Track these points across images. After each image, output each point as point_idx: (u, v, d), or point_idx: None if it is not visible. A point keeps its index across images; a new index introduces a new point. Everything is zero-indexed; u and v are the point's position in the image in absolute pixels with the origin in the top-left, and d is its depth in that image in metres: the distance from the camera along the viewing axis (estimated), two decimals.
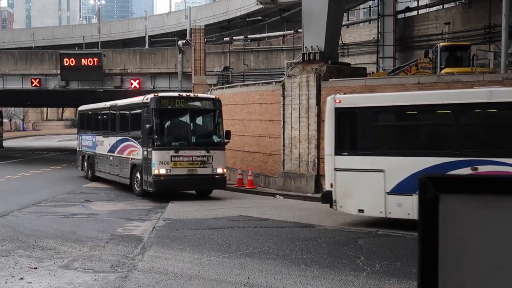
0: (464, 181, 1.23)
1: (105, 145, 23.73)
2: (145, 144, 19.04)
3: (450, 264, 1.21)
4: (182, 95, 20.50)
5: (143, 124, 19.25)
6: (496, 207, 1.20)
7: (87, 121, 27.67)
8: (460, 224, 1.21)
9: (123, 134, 21.74)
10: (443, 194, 1.21)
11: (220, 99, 20.50)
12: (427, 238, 1.22)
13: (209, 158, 18.88)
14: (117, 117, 22.93)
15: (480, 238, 1.21)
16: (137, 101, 20.93)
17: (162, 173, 18.33)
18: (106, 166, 23.47)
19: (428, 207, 1.22)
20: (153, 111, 18.93)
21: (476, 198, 1.21)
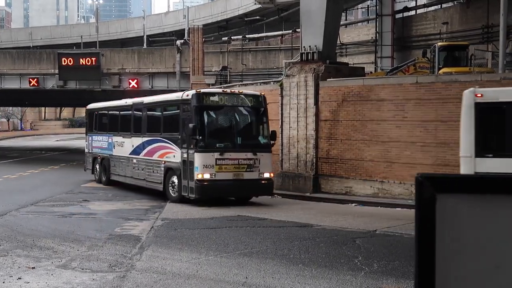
0: (461, 180, 1.23)
1: (126, 146, 21.73)
2: (185, 146, 17.28)
3: (447, 263, 1.21)
4: (226, 91, 18.91)
5: (182, 123, 17.50)
6: (493, 207, 1.20)
7: (100, 120, 25.28)
8: (457, 224, 1.21)
9: (153, 134, 19.72)
10: (440, 194, 1.22)
11: (265, 96, 18.73)
12: (424, 238, 1.22)
13: (256, 161, 17.30)
14: (144, 116, 20.74)
15: (477, 237, 1.21)
16: (174, 98, 19.16)
17: (206, 178, 16.68)
18: (128, 169, 21.41)
19: (425, 207, 1.22)
20: (195, 109, 17.12)
21: (473, 197, 1.21)
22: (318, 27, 21.34)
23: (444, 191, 1.21)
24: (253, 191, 17.67)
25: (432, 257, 1.21)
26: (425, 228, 1.22)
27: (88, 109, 26.74)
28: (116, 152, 22.58)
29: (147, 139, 20.08)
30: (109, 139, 23.42)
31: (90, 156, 25.46)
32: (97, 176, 24.31)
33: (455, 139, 16.99)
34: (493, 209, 1.20)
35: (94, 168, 24.67)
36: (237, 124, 18.03)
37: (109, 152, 23.29)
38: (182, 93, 18.51)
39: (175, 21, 55.01)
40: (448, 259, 1.21)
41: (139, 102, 21.46)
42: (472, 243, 1.21)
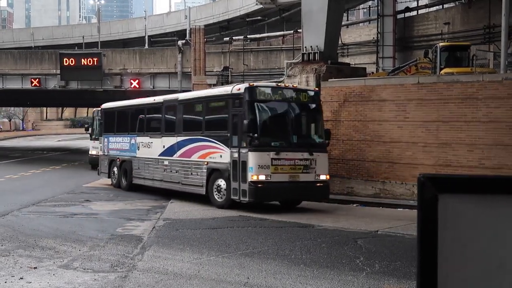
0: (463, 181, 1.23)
1: (154, 147, 20.02)
2: (236, 144, 15.90)
3: (449, 264, 1.21)
4: (280, 85, 17.41)
5: (232, 120, 16.15)
6: (496, 207, 1.20)
7: (119, 120, 23.33)
8: (459, 224, 1.22)
9: (192, 133, 18.12)
10: (442, 194, 1.22)
11: (319, 92, 17.59)
12: (426, 238, 1.22)
13: (312, 162, 16.08)
14: (178, 114, 19.05)
15: (479, 237, 1.21)
16: (219, 93, 17.60)
17: (261, 180, 15.39)
18: (157, 172, 19.78)
19: (427, 207, 1.22)
20: (248, 104, 15.73)
21: (475, 197, 1.21)
22: (319, 27, 21.35)
23: (446, 191, 1.21)
24: (309, 194, 16.58)
25: (434, 258, 1.21)
26: (427, 228, 1.22)
27: (103, 108, 24.82)
28: (141, 154, 20.93)
29: (183, 139, 18.42)
30: (131, 140, 21.70)
31: (105, 158, 23.59)
32: (114, 180, 22.62)
33: (456, 140, 17.00)
34: (495, 209, 1.20)
35: (111, 172, 22.94)
36: (292, 121, 16.69)
37: (131, 154, 21.59)
38: (231, 87, 16.92)
39: (176, 21, 55.05)
40: (450, 260, 1.21)
41: (172, 99, 19.79)
42: (474, 244, 1.21)
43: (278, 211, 15.92)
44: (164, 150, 19.40)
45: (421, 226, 1.23)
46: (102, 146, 23.95)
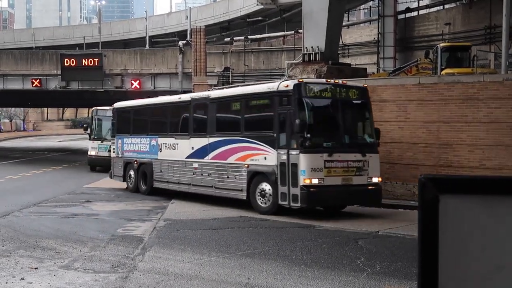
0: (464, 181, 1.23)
1: (181, 149, 18.62)
2: (284, 146, 14.76)
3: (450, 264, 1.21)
4: (330, 81, 16.13)
5: (278, 119, 15.01)
6: (497, 208, 1.20)
7: (136, 120, 21.92)
8: (460, 225, 1.22)
9: (228, 134, 16.87)
10: (443, 195, 1.22)
11: (367, 88, 16.51)
12: (427, 239, 1.22)
13: (365, 164, 15.06)
14: (210, 114, 17.61)
15: (480, 238, 1.21)
16: (264, 89, 16.07)
17: (314, 183, 14.25)
18: (184, 175, 18.42)
19: (428, 208, 1.22)
20: (298, 102, 14.58)
21: (476, 198, 1.21)
22: (320, 28, 21.35)
23: (447, 192, 1.21)
24: (361, 199, 15.62)
25: (435, 258, 1.21)
26: (428, 229, 1.22)
27: (116, 108, 23.22)
28: (164, 156, 19.56)
29: (216, 140, 17.09)
30: (151, 141, 20.29)
31: (119, 161, 22.21)
32: (131, 184, 21.30)
33: (457, 140, 16.99)
34: (496, 210, 1.20)
35: (127, 175, 21.60)
36: (343, 120, 15.64)
37: (151, 156, 20.19)
38: (277, 83, 15.52)
39: (177, 22, 55.07)
40: (451, 260, 1.21)
41: (202, 97, 18.45)
42: (475, 244, 1.21)
43: (279, 212, 15.91)
44: (192, 152, 18.11)
45: (422, 227, 1.23)
46: (115, 148, 22.56)
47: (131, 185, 21.30)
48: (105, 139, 30.10)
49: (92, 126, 31.51)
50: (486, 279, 1.20)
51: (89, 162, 31.21)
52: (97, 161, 30.60)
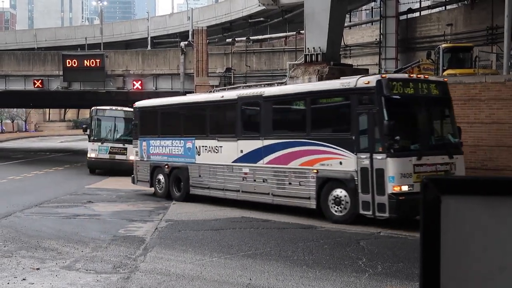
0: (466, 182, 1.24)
1: (226, 152, 17.01)
2: (366, 149, 13.32)
3: (452, 265, 1.21)
4: (412, 76, 14.97)
5: (356, 120, 13.56)
6: (498, 208, 1.21)
7: (165, 120, 20.20)
8: (462, 226, 1.22)
9: (289, 135, 15.33)
10: (445, 196, 1.22)
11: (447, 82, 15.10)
12: (429, 240, 1.22)
13: (452, 167, 13.77)
14: (265, 113, 15.99)
15: (482, 239, 1.21)
16: (337, 86, 14.43)
17: (404, 191, 12.80)
18: (230, 181, 16.85)
19: (430, 209, 1.22)
20: (383, 100, 13.09)
21: (478, 199, 1.21)
22: (322, 28, 21.35)
23: (448, 193, 1.22)
24: None
25: (437, 259, 1.21)
26: (430, 230, 1.22)
27: (139, 107, 21.32)
28: (203, 160, 17.88)
29: (274, 143, 15.57)
30: (187, 143, 18.60)
31: (145, 165, 20.40)
32: (160, 190, 19.66)
33: None
34: (498, 211, 1.20)
35: (155, 180, 19.92)
36: (428, 119, 14.39)
37: (187, 160, 18.52)
38: (354, 79, 13.91)
39: (179, 22, 55.10)
40: (453, 261, 1.21)
41: (253, 95, 16.76)
42: (477, 245, 1.21)
43: (280, 212, 15.91)
44: (242, 155, 16.52)
45: (423, 228, 1.23)
46: (139, 151, 20.70)
47: (161, 191, 19.60)
48: (106, 140, 29.37)
49: (92, 126, 30.18)
50: (488, 279, 1.21)
51: (88, 164, 29.71)
52: (97, 163, 29.34)
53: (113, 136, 29.83)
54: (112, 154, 29.04)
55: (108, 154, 29.03)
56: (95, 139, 29.63)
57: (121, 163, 28.22)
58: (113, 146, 29.08)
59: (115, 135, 29.84)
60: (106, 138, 29.60)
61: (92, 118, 30.61)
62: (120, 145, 28.92)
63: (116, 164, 28.54)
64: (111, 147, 29.08)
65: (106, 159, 28.95)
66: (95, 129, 30.05)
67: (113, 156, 28.94)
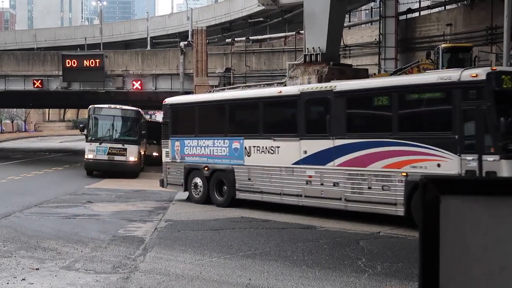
0: (465, 182, 1.24)
1: (285, 153, 15.54)
2: (472, 150, 12.05)
3: (451, 265, 1.21)
4: None
5: (465, 116, 12.31)
6: (497, 208, 1.20)
7: (205, 118, 18.69)
8: (461, 225, 1.22)
9: (370, 134, 13.95)
10: (444, 196, 1.22)
11: None
12: (428, 240, 1.22)
13: None
14: (336, 110, 14.45)
15: (481, 239, 1.21)
16: (434, 80, 13.08)
17: None
18: (290, 185, 15.37)
19: (429, 209, 1.22)
20: (494, 95, 11.95)
21: (477, 199, 1.21)
22: (321, 28, 21.34)
23: (448, 193, 1.22)
24: None
25: (436, 259, 1.21)
26: (429, 229, 1.22)
27: (170, 104, 19.66)
28: (255, 162, 16.44)
29: (349, 142, 14.14)
30: (233, 143, 17.08)
31: (178, 167, 18.80)
32: (198, 194, 18.08)
33: None
34: (497, 211, 1.20)
35: (190, 183, 18.27)
36: None
37: (233, 161, 17.05)
38: (457, 73, 12.65)
39: (178, 22, 55.08)
40: (452, 261, 1.21)
41: (321, 90, 15.20)
42: (476, 245, 1.21)
43: (280, 212, 15.91)
44: (305, 156, 15.08)
45: (423, 228, 1.23)
46: (170, 152, 19.11)
47: (198, 195, 18.03)
48: (104, 141, 28.07)
49: (89, 126, 28.77)
50: (488, 279, 1.21)
51: (86, 166, 28.25)
52: (95, 165, 27.94)
53: (112, 136, 28.65)
54: (111, 155, 27.66)
55: (106, 155, 27.67)
56: (92, 139, 28.16)
57: (121, 164, 27.46)
58: (112, 146, 27.80)
59: (114, 135, 28.73)
60: (104, 138, 28.34)
61: (89, 117, 29.26)
62: (120, 145, 27.82)
63: (115, 166, 27.41)
64: (110, 148, 27.77)
65: (105, 161, 27.60)
66: (92, 128, 28.65)
67: (112, 157, 27.60)
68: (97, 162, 27.85)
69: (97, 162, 27.85)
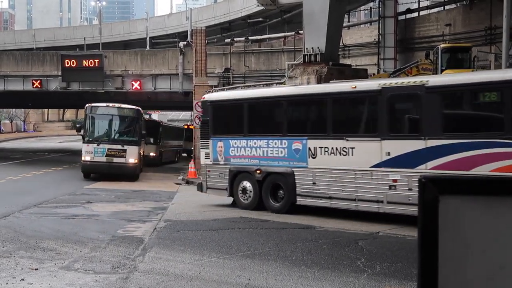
0: (464, 182, 1.23)
1: (361, 154, 14.04)
2: None
3: (450, 265, 1.21)
4: None
5: None
6: (497, 208, 1.20)
7: (256, 116, 17.06)
8: (460, 225, 1.22)
9: (476, 135, 12.38)
10: (443, 195, 1.22)
11: None
12: (427, 240, 1.22)
13: None
14: (428, 107, 13.00)
15: (480, 239, 1.21)
16: None
17: None
18: (367, 190, 13.91)
19: (428, 209, 1.22)
20: None
21: (476, 199, 1.21)
22: (321, 28, 21.35)
23: (447, 192, 1.21)
24: None
25: (435, 259, 1.21)
26: (428, 229, 1.22)
27: (211, 101, 17.95)
28: (321, 164, 14.97)
29: (446, 143, 12.65)
30: (293, 144, 15.54)
31: (221, 169, 17.23)
32: (247, 200, 16.70)
33: None
34: (496, 210, 1.20)
35: (237, 188, 16.83)
36: None
37: (293, 163, 15.56)
38: None
39: (178, 23, 55.08)
40: (451, 261, 1.21)
41: (410, 85, 13.68)
42: (475, 245, 1.21)
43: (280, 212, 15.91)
44: (388, 158, 13.63)
45: (422, 228, 1.23)
46: (211, 153, 17.42)
47: (247, 200, 16.64)
48: (102, 142, 26.57)
49: (86, 126, 27.04)
50: (487, 280, 1.20)
51: (83, 168, 26.84)
52: (93, 167, 26.53)
53: (110, 136, 27.19)
54: (109, 157, 26.20)
55: (105, 157, 26.17)
56: (90, 140, 26.57)
57: (120, 166, 26.07)
58: (111, 147, 26.31)
59: (113, 135, 27.26)
60: (102, 138, 26.88)
61: (86, 117, 27.50)
62: (119, 146, 26.41)
63: (114, 168, 26.07)
64: (109, 149, 26.28)
65: (103, 163, 26.14)
66: (89, 128, 26.96)
67: (111, 159, 26.20)
68: (95, 164, 26.28)
69: (95, 164, 26.28)
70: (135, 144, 27.18)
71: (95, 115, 27.41)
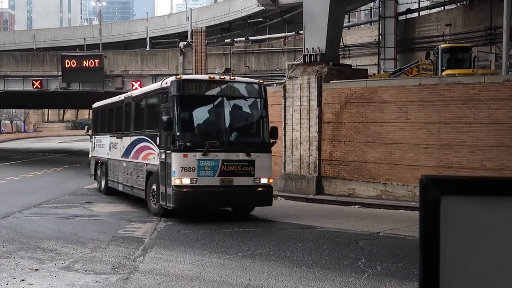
0: (466, 182, 1.23)
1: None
2: None
3: (451, 266, 1.21)
4: None
5: None
6: (498, 209, 1.20)
7: None
8: (461, 226, 1.21)
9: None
10: (444, 196, 1.21)
11: None
12: (428, 240, 1.22)
13: None
14: None
15: (482, 239, 1.21)
16: None
17: None
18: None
19: (429, 209, 1.22)
20: None
21: (478, 199, 1.21)
22: (321, 29, 21.34)
23: (448, 193, 1.21)
24: None
25: (436, 259, 1.21)
26: (429, 230, 1.22)
27: None
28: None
29: None
30: None
31: None
32: None
33: (458, 141, 16.98)
34: (497, 211, 1.20)
35: None
36: None
37: None
38: None
39: (178, 23, 55.07)
40: (452, 261, 1.21)
41: None
42: (476, 245, 1.20)
43: (281, 213, 15.91)
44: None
45: (423, 228, 1.23)
46: None
47: None
48: (213, 149, 22.40)
49: (175, 119, 22.91)
50: (488, 280, 1.20)
51: (177, 199, 23.97)
52: (198, 196, 24.59)
53: (224, 137, 25.09)
54: (225, 176, 23.52)
55: (218, 176, 23.63)
56: (184, 145, 24.52)
57: (245, 191, 23.03)
58: (228, 159, 23.95)
59: (230, 136, 24.96)
60: (212, 142, 24.06)
61: (172, 100, 20.68)
62: (242, 156, 23.22)
63: (234, 195, 23.05)
64: (224, 162, 24.08)
65: (216, 188, 23.83)
66: (180, 124, 24.22)
67: (229, 179, 23.65)
68: (201, 191, 14.99)
69: (201, 191, 14.99)
70: (266, 150, 15.67)
71: (192, 97, 15.52)
